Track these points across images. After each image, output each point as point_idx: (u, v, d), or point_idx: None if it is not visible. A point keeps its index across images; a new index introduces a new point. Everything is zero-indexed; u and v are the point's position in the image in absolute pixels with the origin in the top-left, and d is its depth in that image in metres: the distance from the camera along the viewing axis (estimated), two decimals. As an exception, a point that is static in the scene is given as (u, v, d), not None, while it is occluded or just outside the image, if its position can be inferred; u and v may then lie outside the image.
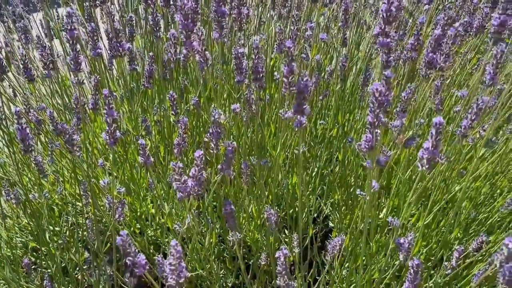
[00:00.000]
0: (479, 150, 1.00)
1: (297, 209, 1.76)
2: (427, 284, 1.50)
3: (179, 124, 1.14)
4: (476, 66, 1.66)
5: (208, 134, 1.14)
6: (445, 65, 0.95)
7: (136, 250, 0.80)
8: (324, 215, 1.87)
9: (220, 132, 1.10)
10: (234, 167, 1.58)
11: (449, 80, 1.72)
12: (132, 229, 1.71)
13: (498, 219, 1.77)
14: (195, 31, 0.97)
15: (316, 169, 1.87)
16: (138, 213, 1.77)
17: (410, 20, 1.62)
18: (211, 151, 1.13)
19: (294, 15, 1.26)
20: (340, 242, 1.10)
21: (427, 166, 0.81)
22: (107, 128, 0.99)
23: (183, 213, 1.57)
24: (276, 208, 1.82)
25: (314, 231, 1.74)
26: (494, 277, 1.56)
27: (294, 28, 1.18)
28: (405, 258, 0.94)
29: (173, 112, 1.25)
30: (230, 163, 1.04)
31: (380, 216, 1.72)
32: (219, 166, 1.06)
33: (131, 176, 1.71)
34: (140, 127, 1.51)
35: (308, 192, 1.81)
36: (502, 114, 1.59)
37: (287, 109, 1.06)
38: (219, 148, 1.14)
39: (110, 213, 1.17)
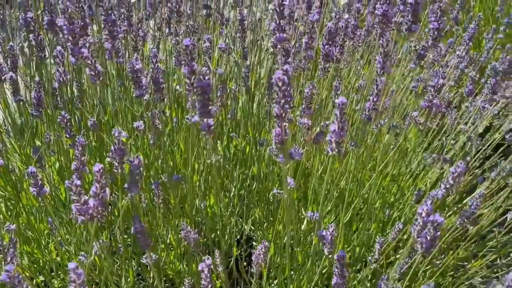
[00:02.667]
0: (384, 136, 1.03)
1: (218, 232, 1.69)
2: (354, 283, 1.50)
3: (75, 147, 1.04)
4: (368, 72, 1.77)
5: (111, 153, 1.04)
6: (341, 56, 0.98)
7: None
8: (247, 236, 1.81)
9: (123, 149, 1.01)
10: (146, 196, 1.48)
11: (347, 89, 1.81)
12: (34, 281, 1.50)
13: (411, 215, 1.86)
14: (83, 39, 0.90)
15: (233, 190, 1.83)
16: (41, 264, 1.56)
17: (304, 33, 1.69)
18: (115, 171, 1.03)
19: (189, 27, 1.24)
20: (264, 250, 1.05)
21: (337, 150, 0.81)
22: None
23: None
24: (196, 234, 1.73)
25: (238, 252, 1.68)
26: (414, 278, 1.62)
27: (193, 39, 1.15)
28: (329, 251, 0.92)
29: (67, 136, 1.14)
30: (137, 181, 0.96)
31: (302, 228, 1.71)
32: (125, 186, 0.96)
33: (28, 223, 1.51)
34: (31, 160, 1.35)
35: (228, 213, 1.75)
36: (403, 107, 1.70)
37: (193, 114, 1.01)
38: (124, 167, 1.04)
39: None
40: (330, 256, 0.90)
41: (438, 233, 0.78)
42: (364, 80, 1.30)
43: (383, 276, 1.03)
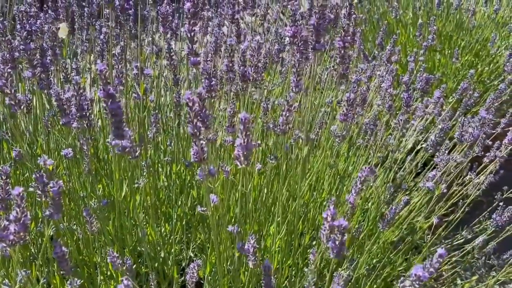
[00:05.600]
0: (303, 148, 1.10)
1: (160, 260, 1.68)
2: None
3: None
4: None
5: (34, 182, 1.03)
6: (257, 76, 1.04)
7: None
8: (192, 261, 1.80)
9: (46, 176, 1.01)
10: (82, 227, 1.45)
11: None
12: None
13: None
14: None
15: (175, 216, 1.83)
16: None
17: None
18: (39, 199, 1.02)
19: (117, 55, 1.28)
20: (196, 268, 1.07)
21: (245, 163, 0.85)
22: None
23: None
24: (140, 265, 1.70)
25: (181, 278, 1.66)
26: None
27: (119, 67, 1.18)
28: (254, 264, 0.94)
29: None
30: (59, 206, 0.96)
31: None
32: (46, 212, 0.96)
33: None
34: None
35: (170, 240, 1.74)
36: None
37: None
38: (47, 195, 1.04)
39: None
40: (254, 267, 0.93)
41: (345, 237, 0.83)
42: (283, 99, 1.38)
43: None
